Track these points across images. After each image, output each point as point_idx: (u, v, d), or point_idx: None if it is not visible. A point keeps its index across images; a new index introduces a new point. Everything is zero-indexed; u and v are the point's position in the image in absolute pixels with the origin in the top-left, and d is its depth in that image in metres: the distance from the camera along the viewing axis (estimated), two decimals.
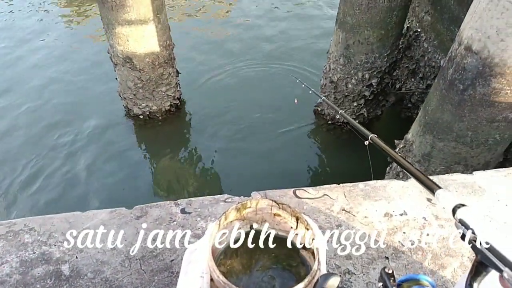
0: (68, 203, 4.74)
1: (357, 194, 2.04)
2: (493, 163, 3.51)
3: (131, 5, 4.65)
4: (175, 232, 1.83)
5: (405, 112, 5.72)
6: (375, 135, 1.61)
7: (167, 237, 1.80)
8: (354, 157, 4.81)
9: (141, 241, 1.78)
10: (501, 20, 2.62)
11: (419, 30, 5.31)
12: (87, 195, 4.88)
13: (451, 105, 3.22)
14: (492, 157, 3.44)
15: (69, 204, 4.71)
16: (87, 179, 5.10)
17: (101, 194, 4.93)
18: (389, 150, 1.50)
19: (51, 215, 1.90)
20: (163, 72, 5.44)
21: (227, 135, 5.76)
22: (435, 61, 4.93)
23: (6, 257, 1.72)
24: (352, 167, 4.40)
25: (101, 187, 4.98)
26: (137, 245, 1.76)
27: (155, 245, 1.77)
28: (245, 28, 8.37)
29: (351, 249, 1.79)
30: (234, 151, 5.53)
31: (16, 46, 7.71)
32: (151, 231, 1.83)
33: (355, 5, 4.48)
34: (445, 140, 3.44)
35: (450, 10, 4.58)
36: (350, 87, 5.17)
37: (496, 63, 2.78)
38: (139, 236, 1.80)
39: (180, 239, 1.80)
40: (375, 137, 1.60)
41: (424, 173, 1.21)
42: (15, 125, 5.89)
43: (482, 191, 2.10)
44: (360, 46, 4.76)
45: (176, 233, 1.82)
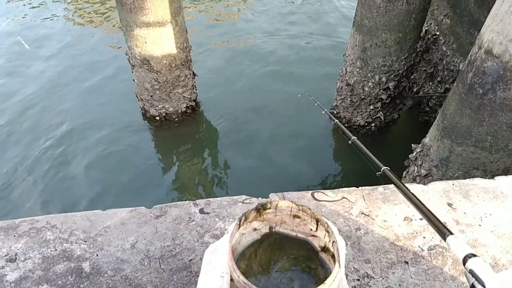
0: (87, 202, 4.82)
1: (376, 198, 2.03)
2: None
3: (149, 8, 4.71)
4: (193, 231, 1.84)
5: (422, 116, 5.66)
6: (387, 168, 1.57)
7: (186, 237, 1.81)
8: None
9: (160, 240, 1.80)
10: None
11: (438, 33, 5.25)
12: (105, 194, 4.94)
13: (470, 110, 3.18)
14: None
15: (88, 203, 4.79)
16: (104, 178, 5.17)
17: (118, 193, 4.99)
18: (401, 186, 1.45)
19: (73, 213, 1.93)
20: (180, 74, 5.49)
21: (243, 137, 5.77)
22: (454, 65, 4.87)
23: (29, 253, 1.75)
24: (369, 170, 4.36)
25: (118, 187, 5.04)
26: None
27: (174, 244, 1.79)
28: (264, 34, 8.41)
29: (370, 253, 1.78)
30: (250, 153, 5.55)
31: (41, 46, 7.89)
32: (170, 231, 1.85)
33: (373, 8, 4.46)
34: (463, 144, 3.38)
35: (470, 13, 4.52)
36: (367, 90, 5.14)
37: None
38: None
39: (199, 239, 1.82)
40: (387, 169, 1.57)
41: (436, 216, 1.17)
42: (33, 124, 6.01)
43: (504, 196, 2.07)
44: (377, 49, 4.73)
45: (195, 233, 1.84)
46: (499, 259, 1.79)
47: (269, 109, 6.26)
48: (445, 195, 2.07)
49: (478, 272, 0.87)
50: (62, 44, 7.96)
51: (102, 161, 5.39)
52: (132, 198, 4.87)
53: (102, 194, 4.95)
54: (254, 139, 5.75)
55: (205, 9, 9.35)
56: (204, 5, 9.47)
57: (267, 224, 1.50)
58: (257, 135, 5.81)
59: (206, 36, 8.14)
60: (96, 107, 6.29)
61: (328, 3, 9.46)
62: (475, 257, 0.92)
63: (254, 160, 5.46)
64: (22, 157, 5.44)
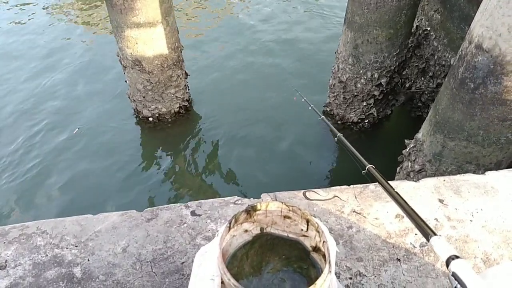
0: (78, 206, 4.78)
1: (367, 196, 2.03)
2: (505, 162, 3.46)
3: (139, 8, 4.68)
4: (185, 234, 1.83)
5: (415, 111, 5.67)
6: (372, 166, 1.58)
7: (178, 239, 1.81)
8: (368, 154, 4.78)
9: (151, 244, 1.79)
10: None
11: (429, 29, 5.26)
12: (97, 197, 4.92)
13: (462, 104, 3.19)
14: (505, 156, 3.39)
15: (79, 207, 4.75)
16: (96, 181, 5.14)
17: (111, 195, 4.96)
18: (385, 184, 1.45)
19: (63, 218, 1.92)
20: (172, 74, 5.46)
21: (236, 137, 5.76)
22: (445, 60, 4.88)
23: (19, 260, 1.74)
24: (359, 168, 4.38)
25: (111, 189, 5.02)
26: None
27: (166, 247, 1.78)
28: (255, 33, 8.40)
29: (362, 251, 1.78)
30: (243, 153, 5.54)
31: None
32: (162, 233, 1.84)
33: (364, 5, 4.46)
34: (456, 139, 3.40)
35: (460, 8, 4.53)
36: (359, 87, 5.14)
37: (508, 61, 2.74)
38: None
39: (191, 242, 1.81)
40: (372, 167, 1.57)
41: (419, 216, 1.17)
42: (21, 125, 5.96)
43: (495, 191, 2.07)
44: (369, 46, 4.74)
45: (187, 236, 1.83)
46: (490, 254, 1.80)
47: (262, 108, 6.25)
48: (436, 191, 2.08)
49: (461, 275, 0.87)
50: (52, 47, 7.90)
51: (91, 163, 5.35)
52: (122, 200, 4.85)
53: (93, 196, 4.91)
54: (247, 139, 5.74)
55: (198, 7, 9.32)
56: (197, 3, 9.45)
57: (258, 225, 1.49)
58: (250, 134, 5.79)
59: (200, 36, 8.12)
60: (88, 109, 6.25)
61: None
62: (458, 259, 0.91)
63: (247, 160, 5.44)
64: (8, 163, 5.40)
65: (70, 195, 4.97)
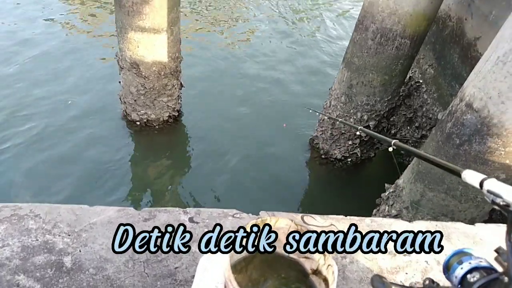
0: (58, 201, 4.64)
1: (362, 229, 2.08)
2: (478, 220, 3.57)
3: (147, 13, 4.73)
4: (182, 239, 1.83)
5: (397, 157, 5.85)
6: (397, 140, 1.77)
7: (174, 244, 1.80)
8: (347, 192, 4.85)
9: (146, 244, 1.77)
10: (504, 83, 2.72)
11: (421, 81, 5.52)
12: (75, 191, 4.80)
13: (445, 157, 3.29)
14: (479, 214, 3.50)
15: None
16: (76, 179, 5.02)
17: (84, 192, 4.85)
18: (415, 151, 1.69)
19: (58, 204, 1.88)
20: (167, 83, 5.48)
21: (221, 152, 5.76)
22: (433, 113, 5.10)
23: (8, 240, 1.68)
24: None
25: (88, 187, 4.91)
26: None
27: (160, 250, 1.77)
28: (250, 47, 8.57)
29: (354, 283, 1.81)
30: (225, 170, 5.52)
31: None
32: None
33: (364, 48, 4.65)
34: (435, 190, 3.49)
35: (453, 67, 4.79)
36: (348, 126, 5.29)
37: (494, 123, 2.86)
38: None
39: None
40: (397, 141, 1.77)
41: (448, 164, 1.33)
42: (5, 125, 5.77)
43: (483, 243, 2.16)
44: (363, 88, 4.91)
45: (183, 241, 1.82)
46: None
47: (251, 127, 6.31)
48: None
49: (494, 189, 0.97)
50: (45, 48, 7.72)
51: (75, 161, 5.24)
52: (99, 198, 4.76)
53: (72, 193, 4.80)
54: (233, 158, 5.72)
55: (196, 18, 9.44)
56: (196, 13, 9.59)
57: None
58: (236, 154, 5.78)
59: (196, 49, 8.19)
60: (74, 108, 6.14)
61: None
62: (489, 179, 1.01)
63: (227, 180, 5.40)
64: None
65: (52, 190, 4.83)
